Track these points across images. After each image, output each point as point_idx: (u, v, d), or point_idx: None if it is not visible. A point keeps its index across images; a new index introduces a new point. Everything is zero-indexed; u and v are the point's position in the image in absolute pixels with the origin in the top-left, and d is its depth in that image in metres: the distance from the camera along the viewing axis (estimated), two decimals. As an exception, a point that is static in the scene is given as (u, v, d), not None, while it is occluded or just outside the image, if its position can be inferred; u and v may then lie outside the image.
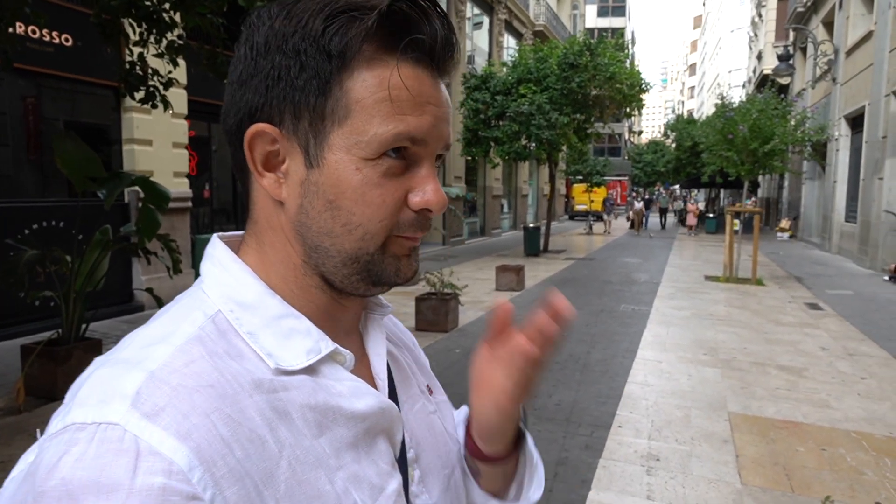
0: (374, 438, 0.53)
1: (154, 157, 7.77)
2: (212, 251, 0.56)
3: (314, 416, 0.49)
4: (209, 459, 0.41)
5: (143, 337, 0.48)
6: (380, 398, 0.54)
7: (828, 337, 6.71)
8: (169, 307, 0.53)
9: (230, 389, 0.45)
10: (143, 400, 0.41)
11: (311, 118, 0.49)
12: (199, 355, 0.46)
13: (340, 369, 0.53)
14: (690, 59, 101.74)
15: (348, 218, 0.50)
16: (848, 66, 15.32)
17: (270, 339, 0.50)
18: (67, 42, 6.79)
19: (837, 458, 3.62)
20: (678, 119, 30.77)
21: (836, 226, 15.72)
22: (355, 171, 0.49)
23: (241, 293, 0.52)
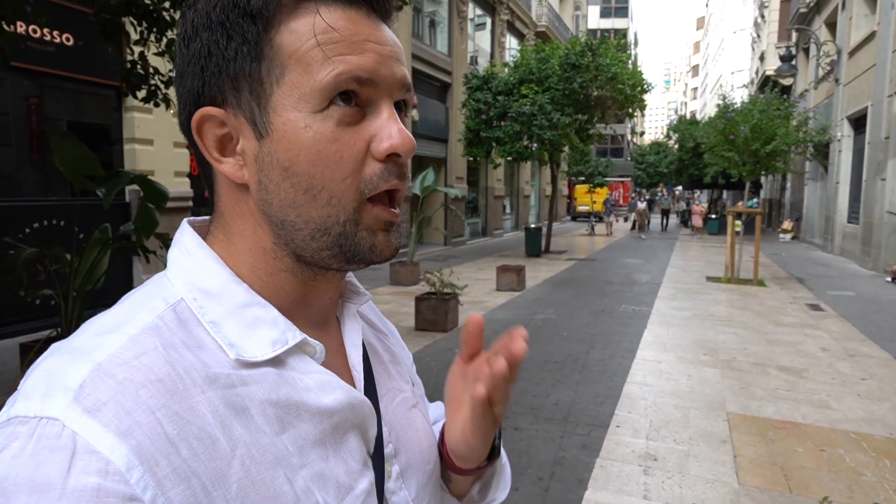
0: (343, 435, 0.51)
1: (155, 157, 7.79)
2: (179, 237, 0.53)
3: (275, 411, 0.47)
4: (151, 458, 0.39)
5: (100, 324, 0.46)
6: (349, 392, 0.52)
7: (828, 338, 6.69)
8: (133, 293, 0.51)
9: (180, 385, 0.43)
10: (85, 394, 0.39)
11: (250, 86, 0.47)
12: (152, 347, 0.44)
13: (309, 361, 0.51)
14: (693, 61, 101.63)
15: (309, 182, 0.47)
16: (851, 67, 15.28)
17: (234, 329, 0.48)
18: (69, 42, 6.81)
19: (836, 458, 3.61)
20: (681, 120, 30.70)
21: (839, 227, 15.68)
22: (304, 128, 0.46)
23: (205, 280, 0.49)
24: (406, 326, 7.01)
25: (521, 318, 7.62)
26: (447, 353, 5.90)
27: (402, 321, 7.27)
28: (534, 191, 28.18)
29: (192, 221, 0.56)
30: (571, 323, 7.37)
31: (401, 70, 0.50)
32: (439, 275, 7.04)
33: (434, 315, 6.81)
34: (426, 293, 7.04)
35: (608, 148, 47.99)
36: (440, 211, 15.49)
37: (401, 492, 0.57)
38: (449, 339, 6.43)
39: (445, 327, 6.78)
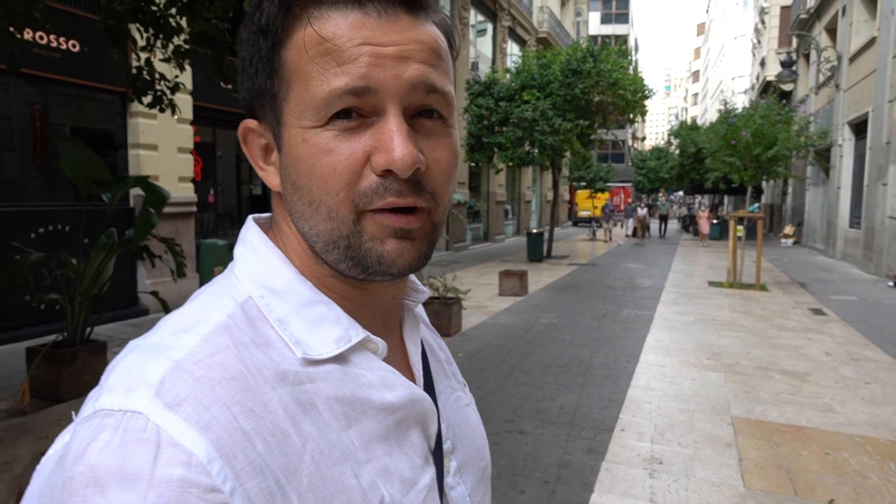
0: (406, 430, 0.52)
1: (159, 162, 7.82)
2: (245, 234, 0.55)
3: (342, 408, 0.48)
4: (229, 452, 0.40)
5: (174, 322, 0.48)
6: (411, 388, 0.53)
7: (832, 342, 6.69)
8: (203, 290, 0.52)
9: (253, 382, 0.44)
10: (165, 390, 0.41)
11: (269, 102, 0.49)
12: (224, 345, 0.45)
13: (372, 358, 0.52)
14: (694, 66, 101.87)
15: (309, 196, 0.47)
16: (851, 73, 15.32)
17: (300, 327, 0.49)
18: (75, 48, 6.86)
19: (841, 462, 3.61)
20: (681, 125, 30.76)
21: (840, 232, 15.68)
22: (302, 142, 0.47)
23: (271, 279, 0.51)
24: (409, 331, 7.01)
25: (524, 322, 7.63)
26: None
27: (405, 326, 7.27)
28: (535, 196, 28.22)
29: (258, 218, 0.57)
30: (574, 327, 7.37)
31: (411, 71, 0.46)
32: (442, 280, 7.06)
33: (437, 320, 6.82)
34: (429, 298, 7.04)
35: (609, 153, 48.05)
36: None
37: (459, 487, 0.58)
38: (452, 344, 6.44)
39: (449, 332, 6.79)
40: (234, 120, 9.64)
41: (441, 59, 0.49)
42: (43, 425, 4.00)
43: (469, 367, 5.53)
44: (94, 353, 4.75)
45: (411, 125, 0.47)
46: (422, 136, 0.48)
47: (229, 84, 4.53)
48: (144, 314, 7.62)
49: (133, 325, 7.17)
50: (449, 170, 0.50)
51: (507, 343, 6.52)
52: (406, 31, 0.47)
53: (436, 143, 0.49)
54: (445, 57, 0.50)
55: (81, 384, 4.59)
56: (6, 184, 6.59)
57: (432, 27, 0.49)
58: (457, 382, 0.67)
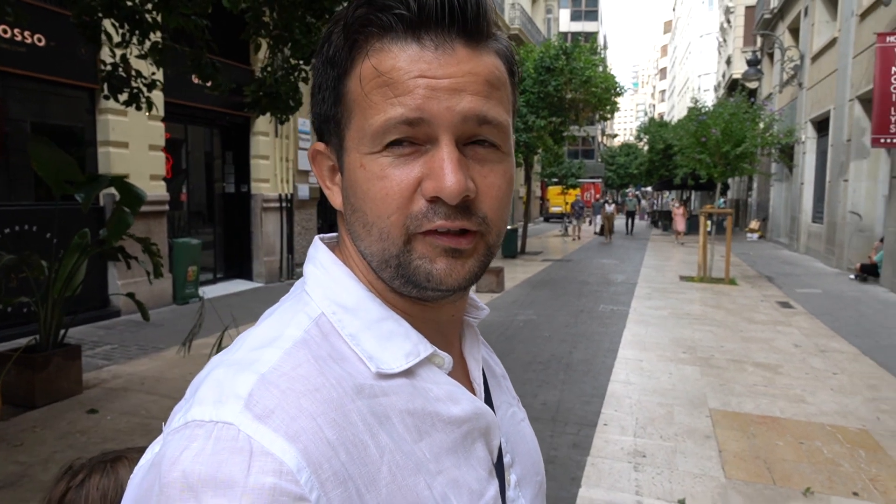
0: (472, 443, 0.53)
1: (130, 160, 7.63)
2: (314, 253, 0.57)
3: (413, 421, 0.49)
4: (315, 461, 0.41)
5: (254, 339, 0.49)
6: (475, 402, 0.54)
7: (800, 334, 6.91)
8: (275, 309, 0.55)
9: (334, 393, 0.45)
10: (255, 402, 0.42)
11: (334, 127, 0.52)
12: (305, 359, 0.47)
13: (438, 372, 0.54)
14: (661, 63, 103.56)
15: (364, 218, 0.50)
16: (813, 72, 15.79)
17: (371, 342, 0.51)
18: (40, 42, 6.64)
19: (815, 450, 3.74)
20: (651, 122, 31.29)
21: (804, 226, 16.17)
22: (359, 167, 0.49)
23: (342, 296, 0.53)
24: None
25: (502, 319, 7.69)
26: (432, 355, 5.91)
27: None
28: (508, 192, 28.34)
29: (324, 238, 0.59)
30: (552, 323, 7.46)
31: (464, 103, 0.48)
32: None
33: (417, 317, 6.82)
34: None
35: (580, 149, 48.57)
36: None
37: (519, 500, 0.60)
38: (433, 342, 6.45)
39: (429, 329, 6.79)
40: (206, 116, 9.47)
41: (496, 88, 0.50)
42: (16, 433, 3.89)
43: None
44: (68, 356, 4.62)
45: (464, 152, 0.49)
46: (475, 162, 0.50)
47: (209, 82, 4.44)
48: (116, 316, 7.44)
49: (104, 327, 6.99)
50: (502, 195, 0.51)
51: (486, 340, 6.54)
52: (462, 63, 0.48)
53: (488, 170, 0.50)
54: (502, 86, 0.51)
55: (55, 389, 4.46)
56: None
57: (491, 56, 0.51)
58: (512, 398, 0.68)
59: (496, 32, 0.52)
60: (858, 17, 12.08)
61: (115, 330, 6.87)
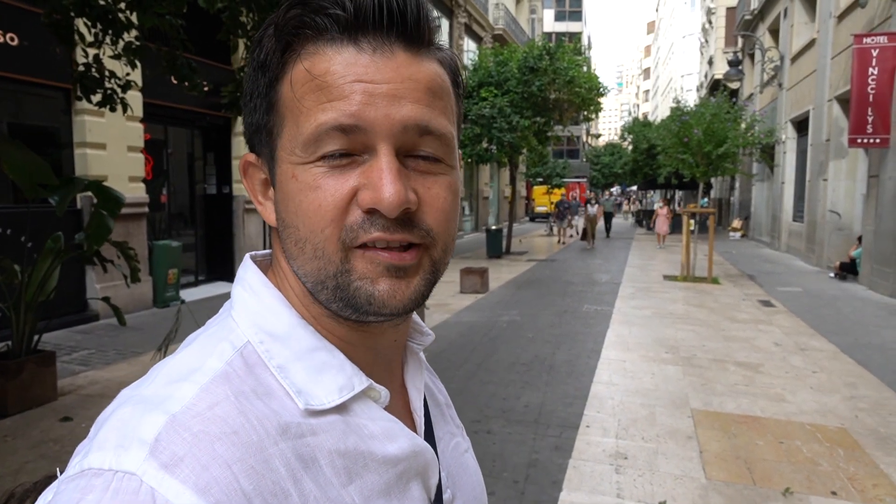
0: (407, 483, 0.50)
1: (108, 162, 7.50)
2: (243, 274, 0.52)
3: (343, 462, 0.46)
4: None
5: (169, 370, 0.45)
6: (413, 440, 0.51)
7: (780, 333, 6.97)
8: (199, 334, 0.50)
9: (255, 436, 0.42)
10: (162, 448, 0.38)
11: (266, 138, 0.48)
12: (224, 396, 0.43)
13: (374, 407, 0.50)
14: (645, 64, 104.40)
15: (296, 234, 0.46)
16: (793, 72, 15.98)
17: (301, 374, 0.47)
18: (13, 41, 6.50)
19: (794, 450, 3.77)
20: (634, 122, 31.51)
21: (785, 225, 16.37)
22: (291, 178, 0.46)
23: (271, 323, 0.48)
24: (372, 331, 6.96)
25: (486, 320, 7.68)
26: (415, 357, 5.88)
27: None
28: (493, 192, 28.42)
29: (255, 256, 0.54)
30: (536, 324, 7.46)
31: (404, 111, 0.45)
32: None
33: (401, 319, 6.78)
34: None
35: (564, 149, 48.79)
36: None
37: None
38: (416, 344, 6.42)
39: (412, 331, 6.76)
40: (186, 117, 9.35)
41: (439, 97, 0.47)
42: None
43: (434, 367, 5.47)
44: (42, 363, 4.53)
45: (405, 164, 0.46)
46: (417, 173, 0.46)
47: (185, 82, 4.37)
48: (94, 320, 7.31)
49: (82, 331, 6.87)
50: (447, 207, 0.48)
51: (470, 341, 6.55)
52: (401, 68, 0.45)
53: (432, 181, 0.47)
54: (446, 96, 0.48)
55: (29, 397, 4.37)
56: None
57: (433, 64, 0.48)
58: (455, 427, 0.65)
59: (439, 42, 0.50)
60: (836, 19, 12.24)
61: (93, 334, 6.75)
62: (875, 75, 9.38)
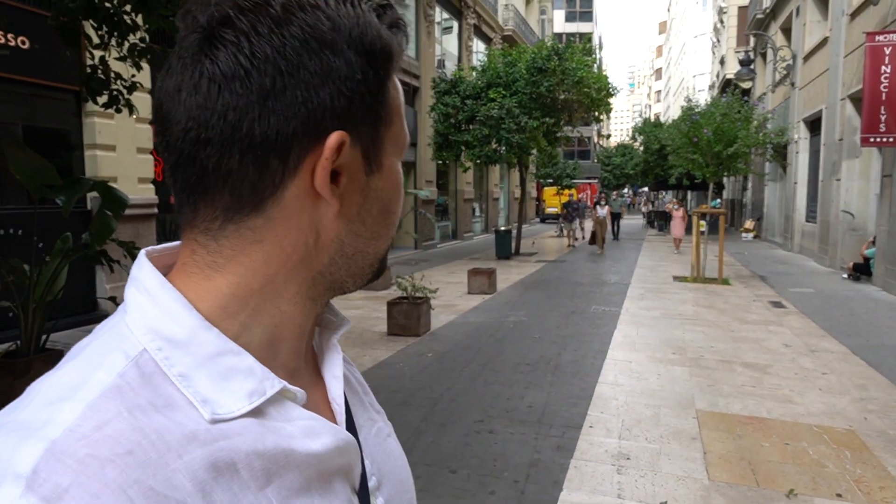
0: (328, 478, 0.48)
1: (118, 163, 7.59)
2: (136, 273, 0.47)
3: (262, 463, 0.43)
4: None
5: (49, 389, 0.40)
6: (337, 435, 0.49)
7: (791, 334, 6.89)
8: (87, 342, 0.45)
9: (153, 453, 0.38)
10: (41, 480, 0.34)
11: (372, 122, 0.48)
12: (115, 413, 0.38)
13: (291, 406, 0.48)
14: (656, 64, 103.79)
15: (395, 218, 0.53)
16: (805, 71, 15.81)
17: (205, 382, 0.43)
18: (24, 45, 6.60)
19: (800, 451, 3.72)
20: (646, 122, 31.33)
21: (798, 226, 16.19)
22: (399, 171, 0.53)
23: (169, 327, 0.44)
24: (378, 331, 6.98)
25: (492, 320, 7.66)
26: (420, 357, 5.88)
27: (373, 326, 7.23)
28: (503, 193, 28.39)
29: (151, 252, 0.50)
30: (543, 325, 7.43)
31: None
32: (411, 279, 7.03)
33: (406, 320, 6.79)
34: (398, 298, 7.01)
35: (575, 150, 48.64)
36: (410, 214, 15.48)
37: None
38: (421, 344, 6.42)
39: (418, 331, 6.77)
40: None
41: None
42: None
43: (439, 367, 5.52)
44: (51, 361, 4.57)
45: None
46: None
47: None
48: (103, 320, 7.39)
49: (91, 331, 6.93)
50: None
51: (476, 342, 6.54)
52: None
53: None
54: None
55: (37, 395, 4.42)
56: (-47, 187, 6.31)
57: None
58: (375, 413, 0.64)
59: None
60: (849, 17, 12.10)
61: (102, 334, 6.81)
62: (888, 74, 9.25)
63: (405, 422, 4.20)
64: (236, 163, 0.44)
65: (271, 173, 0.44)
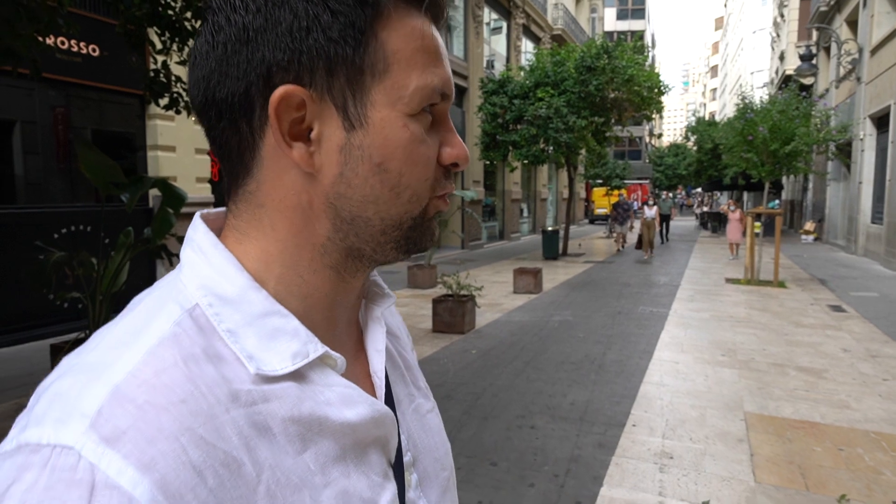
0: (364, 448, 0.49)
1: (177, 163, 7.97)
2: (192, 234, 0.49)
3: (297, 429, 0.44)
4: (175, 493, 0.36)
5: (113, 335, 0.43)
6: (373, 406, 0.49)
7: (850, 339, 6.60)
8: (144, 295, 0.47)
9: (205, 404, 0.40)
10: (103, 421, 0.36)
11: (347, 73, 0.45)
12: (172, 361, 0.40)
13: (331, 373, 0.48)
14: (712, 61, 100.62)
15: (397, 180, 0.47)
16: (873, 65, 15.05)
17: (252, 340, 0.45)
18: (95, 52, 7.02)
19: (855, 457, 3.58)
20: (699, 121, 30.43)
21: (862, 227, 15.42)
22: (402, 127, 0.46)
23: (221, 285, 0.46)
24: (423, 328, 7.07)
25: (537, 319, 7.64)
26: (464, 354, 5.94)
27: (419, 323, 7.34)
28: (551, 194, 28.13)
29: (207, 216, 0.52)
30: (588, 324, 7.37)
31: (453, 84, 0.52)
32: (456, 277, 7.10)
33: (451, 317, 6.86)
34: (443, 295, 7.09)
35: (626, 150, 47.71)
36: (457, 214, 15.55)
37: (420, 500, 0.55)
38: (466, 341, 6.48)
39: (462, 329, 6.83)
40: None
41: None
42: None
43: (482, 364, 5.56)
44: (115, 349, 4.86)
45: None
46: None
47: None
48: (164, 313, 7.77)
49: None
50: None
51: (520, 340, 6.54)
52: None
53: None
54: None
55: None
56: (30, 187, 6.77)
57: None
58: (416, 389, 0.63)
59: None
60: (920, 7, 11.45)
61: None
62: (962, 65, 8.72)
63: (448, 415, 4.26)
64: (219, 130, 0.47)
65: (244, 135, 0.46)
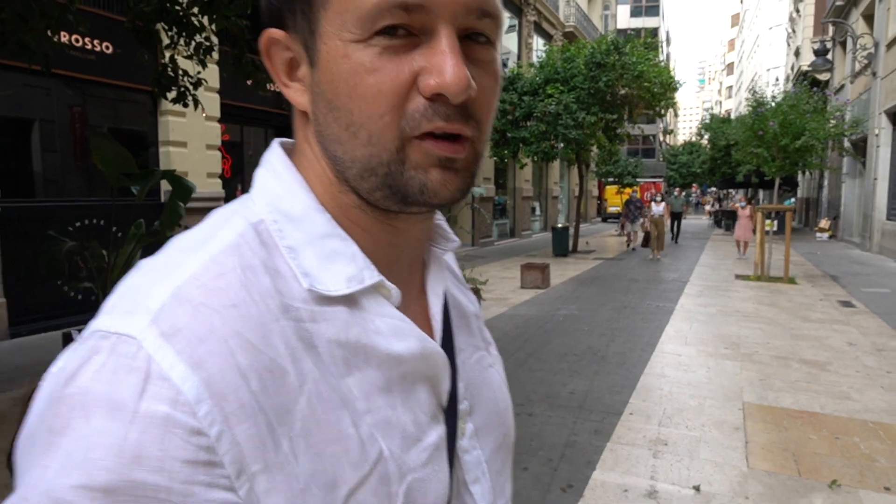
0: (412, 385, 0.48)
1: (188, 158, 8.11)
2: (269, 157, 0.51)
3: (342, 353, 0.44)
4: (220, 392, 0.37)
5: (184, 240, 0.45)
6: (423, 341, 0.48)
7: (857, 333, 6.57)
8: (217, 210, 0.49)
9: (255, 311, 0.41)
10: (163, 317, 0.38)
11: (302, 9, 0.44)
12: (231, 267, 0.42)
13: (384, 303, 0.47)
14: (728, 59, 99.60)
15: (348, 118, 0.43)
16: (889, 60, 14.86)
17: (311, 259, 0.45)
18: (108, 49, 7.17)
19: (851, 445, 3.60)
20: (713, 118, 30.17)
21: (878, 224, 15.23)
22: (343, 58, 0.42)
23: (288, 203, 0.47)
24: (429, 321, 7.14)
25: (543, 313, 7.68)
26: (467, 345, 6.00)
27: (425, 316, 7.41)
28: (563, 192, 28.07)
29: (284, 143, 0.52)
30: (594, 318, 7.40)
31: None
32: (462, 272, 7.16)
33: (456, 310, 6.92)
34: (448, 288, 7.15)
35: (640, 148, 47.45)
36: (466, 211, 15.61)
37: (475, 451, 0.54)
38: (470, 333, 6.53)
39: (467, 322, 6.88)
40: (261, 117, 9.91)
41: None
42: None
43: (484, 355, 5.62)
44: (126, 338, 4.99)
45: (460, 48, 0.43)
46: (469, 60, 0.43)
47: (249, 80, 4.71)
48: (175, 305, 7.92)
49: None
50: (493, 98, 0.47)
51: (524, 333, 6.59)
52: None
53: (482, 70, 0.45)
54: None
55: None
56: (48, 183, 6.94)
57: None
58: (481, 341, 0.62)
59: None
60: (936, 0, 11.30)
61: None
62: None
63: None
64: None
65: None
